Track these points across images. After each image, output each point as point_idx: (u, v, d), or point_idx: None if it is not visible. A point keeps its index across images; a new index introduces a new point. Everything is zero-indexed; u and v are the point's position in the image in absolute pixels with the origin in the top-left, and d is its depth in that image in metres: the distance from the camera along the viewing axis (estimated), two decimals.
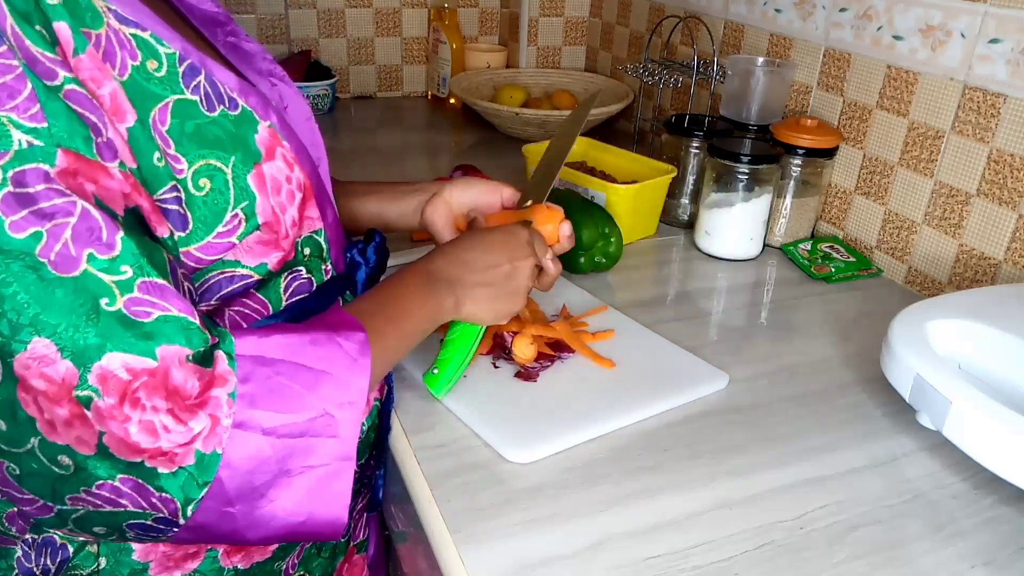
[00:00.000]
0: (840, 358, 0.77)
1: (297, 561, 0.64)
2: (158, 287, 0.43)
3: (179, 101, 0.47)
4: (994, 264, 0.83)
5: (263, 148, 0.52)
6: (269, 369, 0.47)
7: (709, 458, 0.62)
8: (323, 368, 0.48)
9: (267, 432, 0.46)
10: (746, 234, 0.96)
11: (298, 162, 0.55)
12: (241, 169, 0.50)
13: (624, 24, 1.51)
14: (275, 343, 0.48)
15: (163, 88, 0.47)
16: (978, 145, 0.83)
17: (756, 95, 1.05)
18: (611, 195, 0.97)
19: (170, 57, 0.48)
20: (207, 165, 0.49)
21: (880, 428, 0.67)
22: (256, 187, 0.51)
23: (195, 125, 0.48)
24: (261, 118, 0.52)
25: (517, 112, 1.33)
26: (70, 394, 0.40)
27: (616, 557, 0.52)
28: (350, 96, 1.65)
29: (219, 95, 0.50)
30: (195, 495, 0.44)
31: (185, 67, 0.48)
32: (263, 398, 0.46)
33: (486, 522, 0.54)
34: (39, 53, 0.41)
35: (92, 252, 0.40)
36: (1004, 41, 0.79)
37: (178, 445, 0.43)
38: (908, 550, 0.54)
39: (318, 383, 0.48)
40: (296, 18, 1.56)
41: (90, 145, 0.42)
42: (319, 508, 0.48)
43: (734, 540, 0.54)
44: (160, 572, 0.57)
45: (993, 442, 0.57)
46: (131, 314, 0.42)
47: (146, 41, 0.46)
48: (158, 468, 0.43)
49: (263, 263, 0.54)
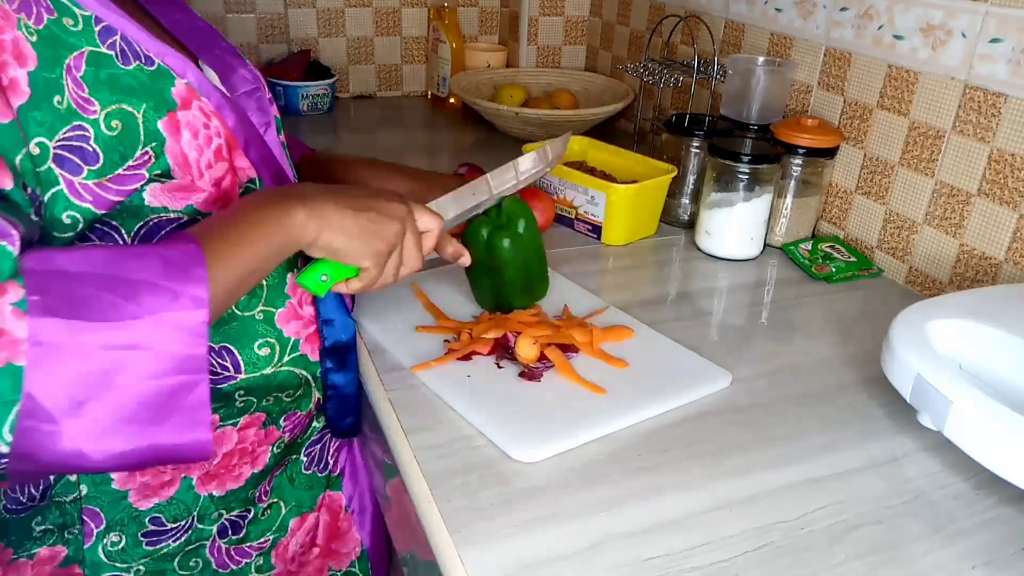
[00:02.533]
0: (841, 358, 0.77)
1: (268, 488, 0.68)
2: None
3: (93, 52, 0.53)
4: (995, 264, 0.83)
5: (179, 99, 0.57)
6: (70, 281, 0.45)
7: (709, 458, 0.62)
8: (142, 278, 0.46)
9: (77, 345, 0.43)
10: (747, 234, 0.96)
11: (217, 114, 0.59)
12: (152, 115, 0.55)
13: (624, 23, 1.51)
14: (77, 256, 0.46)
15: (78, 40, 0.52)
16: (979, 145, 0.83)
17: (757, 94, 1.05)
18: (611, 195, 0.97)
19: (86, 18, 0.53)
20: (119, 109, 0.54)
21: (880, 428, 0.67)
22: (167, 130, 0.56)
23: (108, 74, 0.53)
24: (178, 75, 0.57)
25: (517, 112, 1.33)
26: None
27: (616, 557, 0.52)
28: (350, 96, 1.65)
29: (135, 52, 0.55)
30: (4, 414, 0.42)
31: (101, 27, 0.54)
32: (62, 309, 0.43)
33: (486, 522, 0.54)
34: None
35: None
36: (1005, 41, 0.79)
37: None
38: (908, 550, 0.54)
39: (137, 293, 0.46)
40: (296, 17, 1.56)
41: None
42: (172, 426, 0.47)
43: (734, 540, 0.54)
44: (140, 499, 0.63)
45: (994, 442, 0.57)
46: None
47: (62, 2, 0.52)
48: None
49: (188, 205, 0.58)
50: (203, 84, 0.59)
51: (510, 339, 0.71)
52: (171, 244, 0.50)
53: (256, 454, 0.67)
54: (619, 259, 0.98)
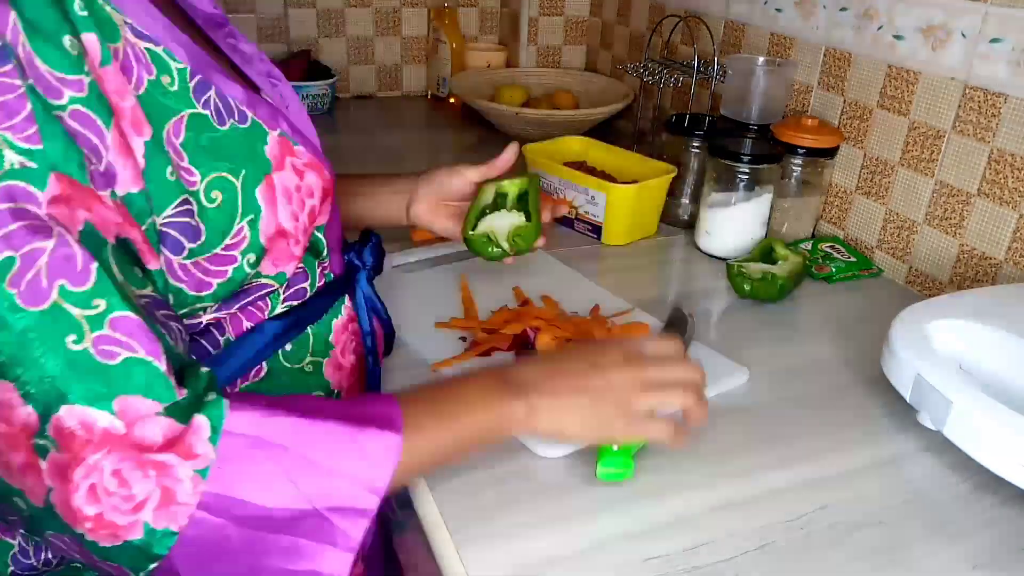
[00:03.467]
0: (841, 358, 0.77)
1: None
2: (130, 323, 0.41)
3: (193, 115, 0.48)
4: (995, 264, 0.83)
5: (273, 159, 0.52)
6: (262, 453, 0.43)
7: (710, 458, 0.62)
8: (330, 466, 0.44)
9: (240, 521, 0.42)
10: (747, 234, 0.96)
11: (312, 166, 0.55)
12: (251, 182, 0.50)
13: (624, 23, 1.51)
14: (281, 425, 0.44)
15: (177, 102, 0.47)
16: (979, 145, 0.83)
17: (757, 95, 1.05)
18: (611, 195, 0.96)
19: (181, 72, 0.48)
20: (219, 178, 0.49)
21: (881, 428, 0.67)
22: (264, 199, 0.51)
23: (209, 139, 0.48)
24: (270, 128, 0.53)
25: (517, 112, 1.33)
26: (28, 441, 0.39)
27: (616, 558, 0.52)
28: (350, 96, 1.65)
29: (229, 108, 0.50)
30: (144, 567, 0.41)
31: (196, 82, 0.48)
32: (244, 483, 0.42)
33: (486, 522, 0.54)
34: (47, 72, 0.40)
35: (64, 283, 0.39)
36: (1005, 41, 0.79)
37: (121, 513, 0.40)
38: (909, 551, 0.54)
39: (317, 480, 0.44)
40: (295, 18, 1.56)
41: (84, 172, 0.41)
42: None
43: (735, 540, 0.54)
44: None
45: (994, 442, 0.57)
46: (97, 354, 0.39)
47: (159, 56, 0.47)
48: (98, 542, 0.40)
49: (282, 272, 0.54)
50: (295, 131, 0.54)
51: (530, 335, 0.72)
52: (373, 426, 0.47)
53: None
54: (619, 259, 0.98)
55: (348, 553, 0.45)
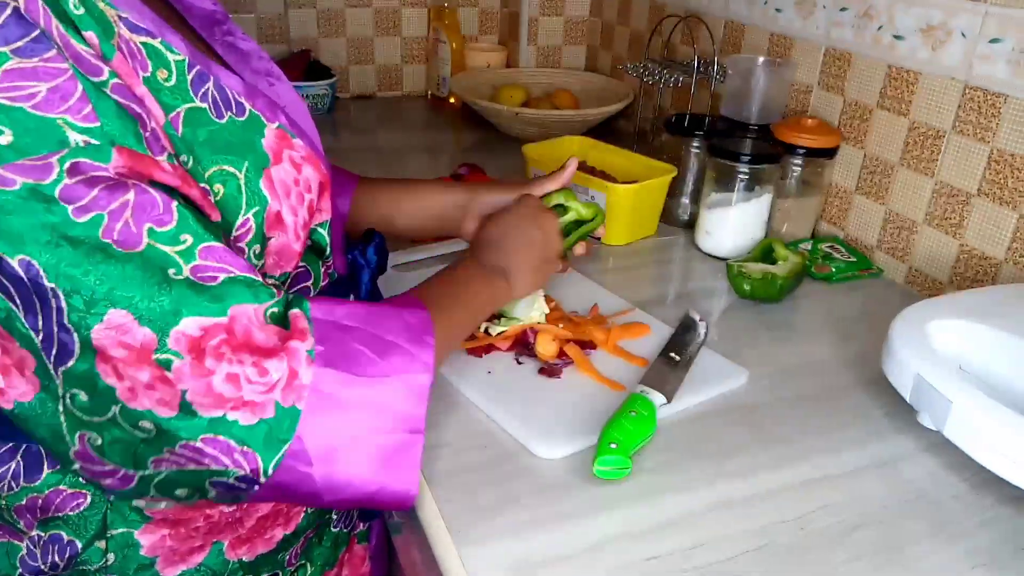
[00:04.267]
0: (841, 358, 0.77)
1: (300, 551, 0.65)
2: (217, 250, 0.44)
3: (190, 110, 0.48)
4: (995, 264, 0.83)
5: (270, 152, 0.52)
6: (344, 334, 0.48)
7: (710, 458, 0.62)
8: (392, 339, 0.50)
9: (343, 397, 0.47)
10: (747, 234, 0.96)
11: (309, 160, 0.55)
12: (254, 173, 0.51)
13: (624, 23, 1.51)
14: (347, 311, 0.50)
15: (174, 98, 0.47)
16: (979, 145, 0.83)
17: (756, 95, 1.05)
18: (611, 195, 0.96)
19: (179, 64, 0.48)
20: (221, 171, 0.49)
21: (881, 428, 0.67)
22: (268, 191, 0.52)
23: (207, 132, 0.49)
24: (268, 121, 0.53)
25: (517, 112, 1.33)
26: (150, 358, 0.42)
27: (617, 558, 0.52)
28: (350, 96, 1.65)
29: (227, 101, 0.50)
30: (276, 450, 0.45)
31: (194, 74, 0.49)
32: (339, 361, 0.47)
33: (486, 522, 0.54)
34: (83, 51, 0.42)
35: (151, 226, 0.42)
36: (1004, 41, 0.79)
37: (259, 393, 0.44)
38: (909, 550, 0.54)
39: (388, 352, 0.49)
40: (295, 18, 1.56)
41: (140, 141, 0.43)
42: (391, 479, 0.49)
43: (735, 540, 0.54)
44: (167, 566, 0.57)
45: (994, 442, 0.57)
46: (198, 279, 0.43)
47: (156, 49, 0.47)
48: (239, 420, 0.44)
49: (285, 272, 0.55)
50: (292, 124, 0.55)
51: (530, 335, 0.72)
52: (408, 308, 0.54)
53: (290, 516, 0.63)
54: (619, 259, 0.98)
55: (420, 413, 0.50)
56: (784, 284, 0.85)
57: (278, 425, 0.45)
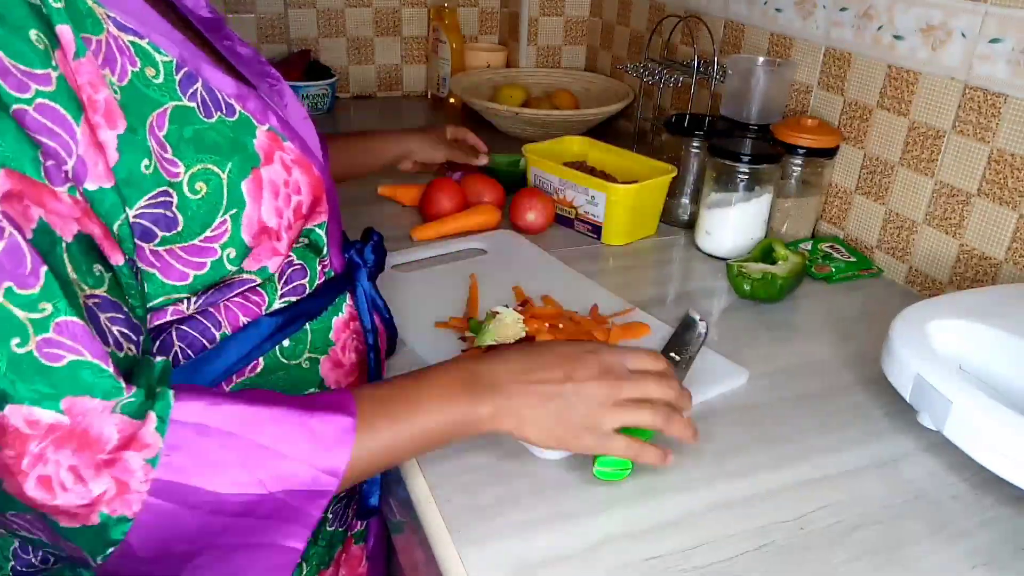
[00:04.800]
0: (841, 358, 0.77)
1: None
2: (75, 328, 0.41)
3: (177, 107, 0.48)
4: (995, 264, 0.83)
5: (261, 152, 0.52)
6: (210, 440, 0.44)
7: (710, 458, 0.62)
8: (281, 450, 0.45)
9: (193, 507, 0.43)
10: (746, 234, 0.96)
11: (300, 163, 0.55)
12: (237, 175, 0.51)
13: (624, 23, 1.51)
14: (227, 413, 0.45)
15: (161, 95, 0.47)
16: (979, 145, 0.83)
17: (756, 95, 1.05)
18: (611, 195, 0.97)
19: (167, 65, 0.48)
20: (204, 169, 0.49)
21: (881, 428, 0.67)
22: (250, 193, 0.51)
23: (193, 131, 0.49)
24: (259, 122, 0.53)
25: (517, 112, 1.33)
26: None
27: (616, 558, 0.52)
28: (350, 96, 1.65)
29: (216, 101, 0.51)
30: (101, 551, 0.42)
31: (182, 75, 0.49)
32: (194, 470, 0.43)
33: (486, 522, 0.54)
34: (13, 66, 0.40)
35: (11, 286, 0.39)
36: (1004, 41, 0.79)
37: (76, 506, 0.41)
38: (909, 550, 0.54)
39: (269, 464, 0.45)
40: (295, 18, 1.56)
41: (38, 168, 0.41)
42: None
43: (735, 540, 0.54)
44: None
45: (994, 442, 0.57)
46: (42, 356, 0.39)
47: (143, 48, 0.47)
48: (59, 521, 0.41)
49: (264, 267, 0.54)
50: (284, 126, 0.55)
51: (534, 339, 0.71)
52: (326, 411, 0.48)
53: None
54: (619, 259, 0.98)
55: (306, 529, 0.47)
56: (784, 284, 0.85)
57: (103, 532, 0.42)
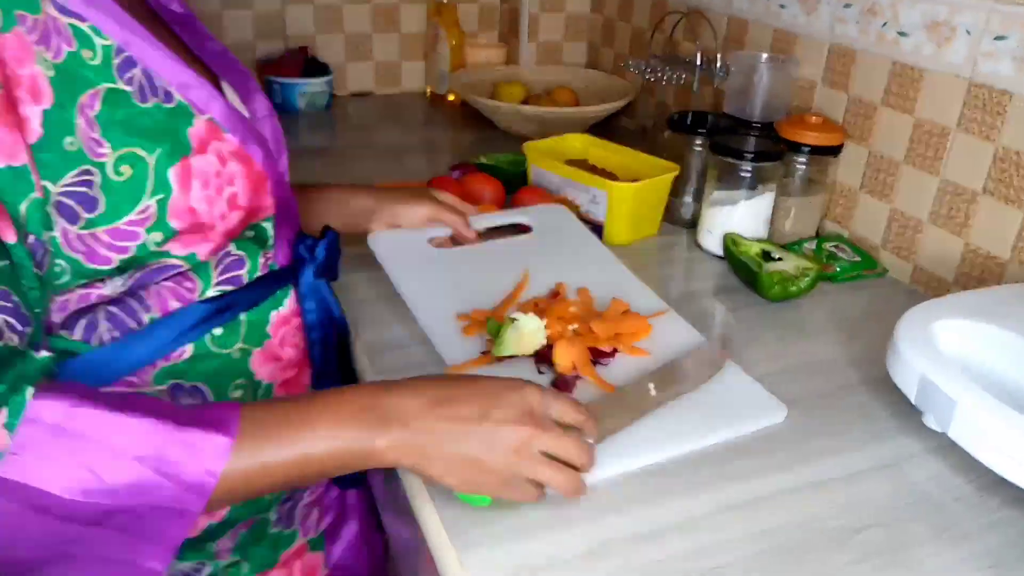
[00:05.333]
0: (845, 358, 0.76)
1: (233, 545, 0.64)
2: None
3: (111, 90, 0.49)
4: (1000, 264, 0.83)
5: (195, 141, 0.53)
6: (62, 443, 0.42)
7: (711, 459, 0.61)
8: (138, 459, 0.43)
9: (40, 510, 0.42)
10: (750, 233, 0.95)
11: (238, 155, 0.55)
12: (165, 161, 0.51)
13: (626, 20, 1.50)
14: (88, 416, 0.43)
15: (96, 75, 0.49)
16: (984, 143, 0.83)
17: (760, 92, 1.04)
18: (613, 193, 0.96)
19: (106, 48, 0.49)
20: (131, 153, 0.50)
21: (885, 429, 0.66)
22: (177, 180, 0.52)
23: (125, 114, 0.50)
24: (199, 112, 0.54)
25: (517, 109, 1.32)
26: None
27: (618, 561, 0.52)
28: (348, 93, 1.64)
29: (153, 88, 0.52)
30: None
31: (121, 59, 0.50)
32: (42, 471, 0.41)
33: (486, 526, 0.54)
34: None
35: None
36: (1009, 38, 0.79)
37: None
38: (913, 553, 0.53)
39: (127, 474, 0.43)
40: (293, 14, 1.55)
41: None
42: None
43: (737, 543, 0.53)
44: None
45: (999, 444, 0.56)
46: None
47: (83, 32, 0.48)
48: None
49: (192, 253, 0.54)
50: (229, 117, 0.55)
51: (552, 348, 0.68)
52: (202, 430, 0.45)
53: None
54: (621, 258, 0.97)
55: (167, 551, 0.45)
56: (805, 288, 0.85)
57: None
